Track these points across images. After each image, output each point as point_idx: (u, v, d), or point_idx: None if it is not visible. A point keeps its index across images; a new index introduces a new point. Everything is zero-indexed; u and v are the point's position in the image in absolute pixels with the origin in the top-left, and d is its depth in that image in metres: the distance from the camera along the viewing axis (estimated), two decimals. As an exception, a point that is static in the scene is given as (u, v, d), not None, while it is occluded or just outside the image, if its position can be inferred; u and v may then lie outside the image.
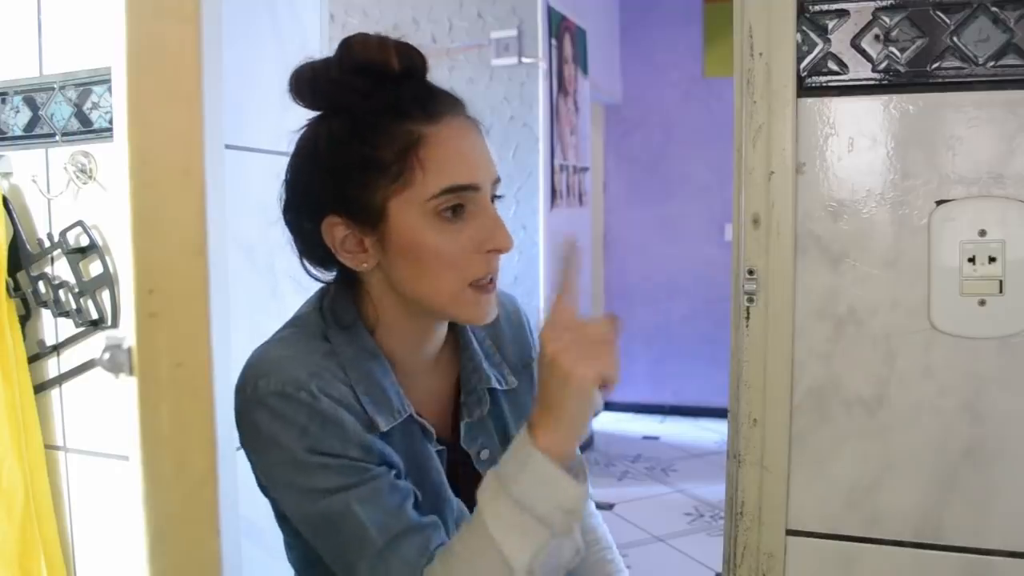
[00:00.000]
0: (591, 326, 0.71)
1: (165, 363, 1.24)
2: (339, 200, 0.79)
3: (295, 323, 0.87)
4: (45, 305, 1.36)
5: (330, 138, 0.79)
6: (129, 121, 1.23)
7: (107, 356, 1.27)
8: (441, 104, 0.79)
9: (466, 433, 0.90)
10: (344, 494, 0.75)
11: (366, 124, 0.77)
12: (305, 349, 0.81)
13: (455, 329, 0.92)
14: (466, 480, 0.89)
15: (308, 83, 0.80)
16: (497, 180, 0.82)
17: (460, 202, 0.77)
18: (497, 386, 0.92)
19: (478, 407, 0.91)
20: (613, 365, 0.70)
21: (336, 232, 0.80)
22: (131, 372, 1.26)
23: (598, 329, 0.71)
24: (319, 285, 0.90)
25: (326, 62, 0.80)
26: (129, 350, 1.26)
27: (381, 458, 0.78)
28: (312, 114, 0.83)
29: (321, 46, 1.58)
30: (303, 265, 0.87)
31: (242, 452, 0.94)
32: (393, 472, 0.79)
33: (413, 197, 0.76)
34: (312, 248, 0.84)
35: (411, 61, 0.79)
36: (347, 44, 0.79)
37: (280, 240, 1.29)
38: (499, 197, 0.83)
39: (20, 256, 1.36)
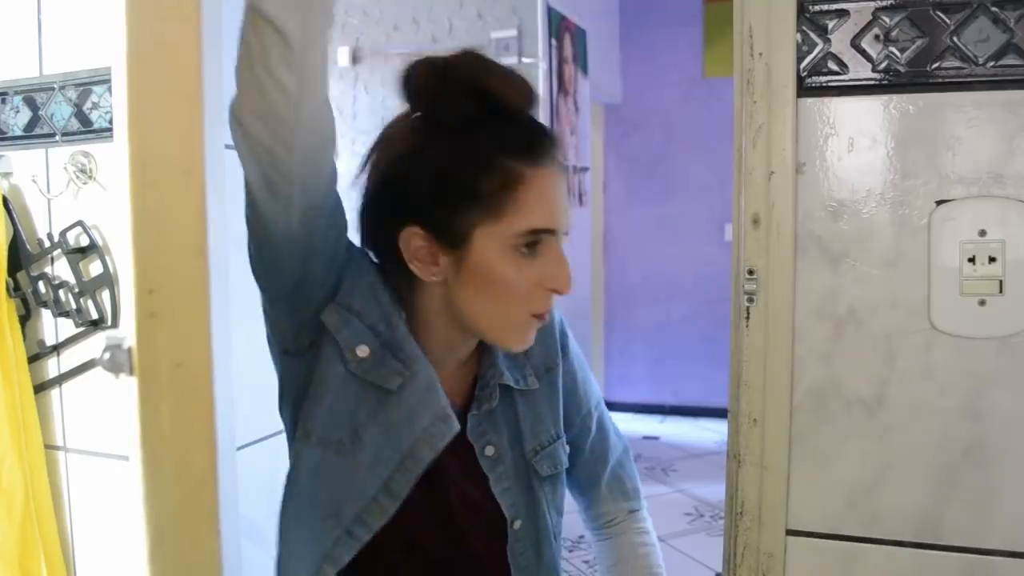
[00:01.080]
0: None
1: (165, 363, 1.24)
2: (427, 215, 0.82)
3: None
4: (45, 305, 1.36)
5: (437, 153, 0.81)
6: (129, 121, 1.23)
7: (107, 356, 1.27)
8: (546, 149, 0.83)
9: (473, 426, 0.90)
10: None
11: (475, 152, 0.80)
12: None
13: None
14: (463, 477, 0.89)
15: (423, 86, 0.82)
16: (567, 232, 0.86)
17: (536, 241, 0.82)
18: (512, 384, 0.92)
19: (487, 401, 0.91)
20: None
21: (413, 241, 0.83)
22: (131, 372, 1.26)
23: None
24: None
25: (445, 69, 0.81)
26: (129, 350, 1.26)
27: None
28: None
29: (321, 46, 1.58)
30: (364, 246, 0.89)
31: (242, 452, 0.94)
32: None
33: (500, 231, 0.80)
34: (379, 240, 0.87)
35: (525, 101, 0.83)
36: (471, 61, 0.80)
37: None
38: (566, 234, 0.87)
39: (20, 256, 1.36)
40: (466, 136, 0.80)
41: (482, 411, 0.91)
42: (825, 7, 0.85)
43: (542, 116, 3.60)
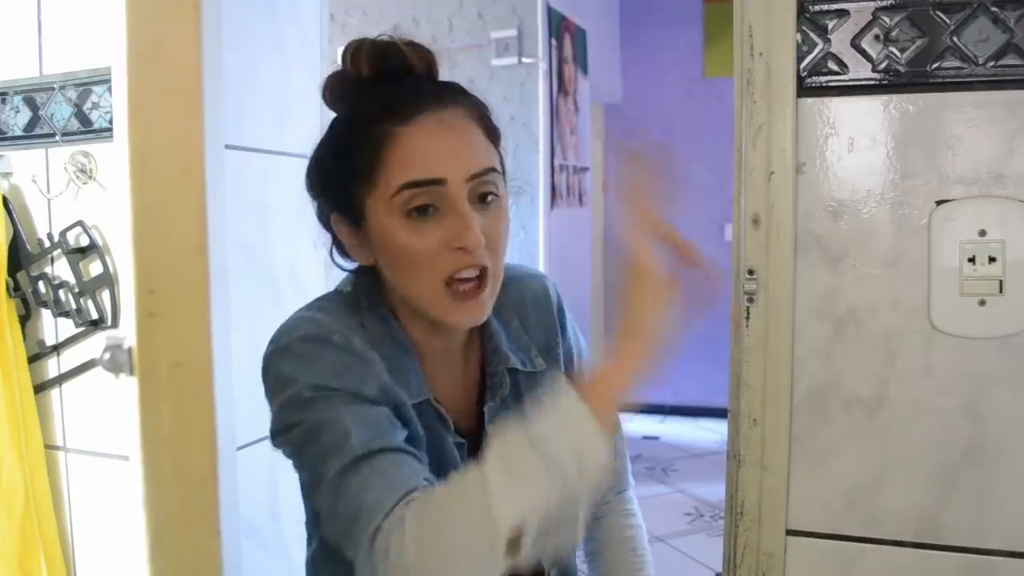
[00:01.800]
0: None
1: (165, 363, 1.24)
2: (335, 201, 0.83)
3: (327, 296, 0.89)
4: (45, 305, 1.36)
5: (324, 141, 0.84)
6: (129, 121, 1.23)
7: (107, 356, 1.27)
8: (414, 104, 0.79)
9: (490, 417, 0.88)
10: (336, 407, 0.74)
11: (345, 129, 0.82)
12: (337, 316, 0.82)
13: None
14: None
15: (327, 93, 0.85)
16: (478, 176, 0.78)
17: (426, 201, 0.77)
18: (519, 367, 0.90)
19: (500, 389, 0.89)
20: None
21: (339, 229, 0.84)
22: (131, 372, 1.26)
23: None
24: (319, 286, 0.91)
25: (334, 72, 0.85)
26: (129, 350, 1.26)
27: (395, 402, 0.78)
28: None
29: (321, 46, 1.58)
30: (330, 255, 0.90)
31: (242, 452, 0.94)
32: (400, 425, 0.77)
33: (380, 195, 0.78)
34: (336, 243, 0.88)
35: (383, 64, 0.81)
36: (345, 55, 0.83)
37: (280, 240, 1.29)
38: (493, 196, 0.80)
39: (20, 256, 1.36)
40: (341, 117, 0.83)
41: (497, 400, 0.89)
42: (825, 7, 0.85)
43: (543, 115, 3.60)
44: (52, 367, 1.38)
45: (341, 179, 0.81)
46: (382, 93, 0.80)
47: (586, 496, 0.65)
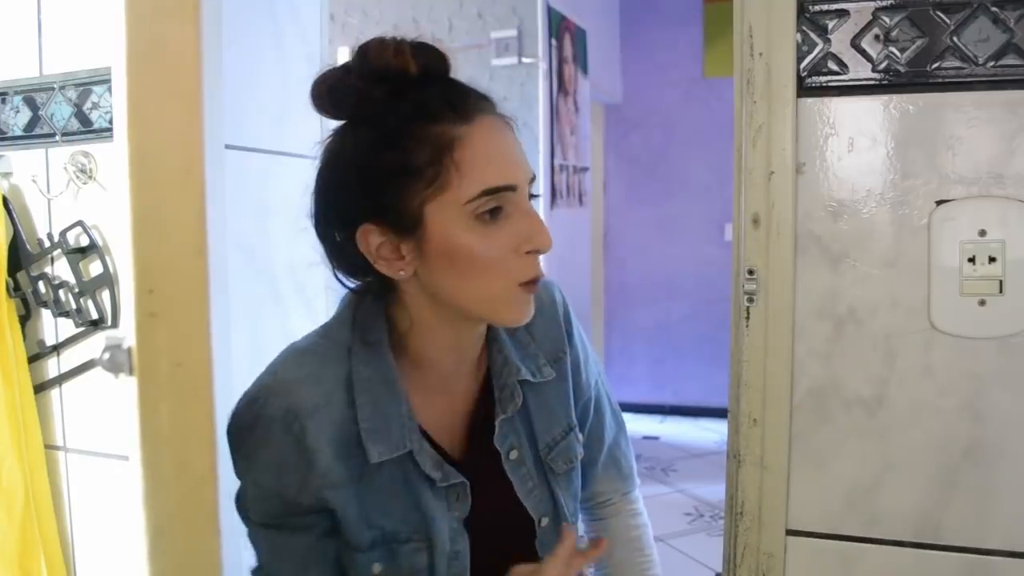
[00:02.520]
0: None
1: (165, 363, 1.24)
2: (373, 208, 0.77)
3: (326, 333, 0.86)
4: (45, 305, 1.36)
5: (359, 146, 0.78)
6: (129, 121, 1.23)
7: (107, 356, 1.26)
8: (472, 103, 0.78)
9: (500, 431, 0.86)
10: (264, 531, 0.83)
11: (395, 130, 0.76)
12: (325, 371, 0.81)
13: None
14: (488, 487, 0.87)
15: (328, 93, 0.79)
16: (532, 178, 0.80)
17: (498, 204, 0.76)
18: (530, 378, 0.88)
19: (511, 401, 0.87)
20: None
21: (372, 240, 0.78)
22: (131, 372, 1.26)
23: None
24: (319, 286, 0.90)
25: (345, 70, 0.79)
26: (129, 350, 1.26)
27: (324, 511, 0.81)
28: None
29: (321, 46, 1.58)
30: (336, 276, 0.85)
31: (242, 452, 0.93)
32: (324, 527, 0.82)
33: (450, 200, 0.75)
34: (344, 258, 0.83)
35: (430, 62, 0.78)
36: (363, 51, 0.77)
37: (280, 240, 1.28)
38: (535, 196, 0.82)
39: (20, 256, 1.36)
40: (383, 118, 0.76)
41: (508, 413, 0.87)
42: (825, 7, 0.85)
43: (543, 115, 3.60)
44: (52, 367, 1.38)
45: (392, 183, 0.76)
46: (440, 92, 0.77)
47: None
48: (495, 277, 0.77)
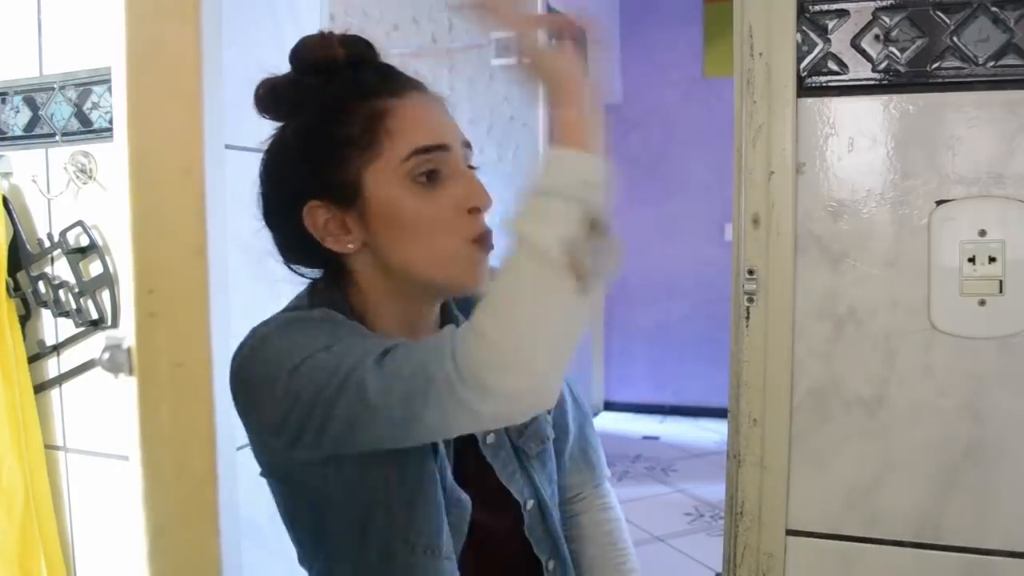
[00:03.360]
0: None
1: (165, 363, 1.24)
2: (314, 184, 0.79)
3: (287, 314, 0.84)
4: (45, 305, 1.36)
5: (297, 131, 0.81)
6: (129, 121, 1.23)
7: (107, 356, 1.26)
8: (402, 81, 0.81)
9: None
10: (350, 339, 0.73)
11: (330, 108, 0.79)
12: (305, 336, 0.77)
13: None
14: (475, 480, 0.86)
15: (268, 95, 0.83)
16: (467, 145, 0.82)
17: (433, 167, 0.77)
18: None
19: None
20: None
21: (317, 217, 0.79)
22: (131, 372, 1.26)
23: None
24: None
25: (283, 75, 0.83)
26: (129, 350, 1.26)
27: None
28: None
29: (321, 46, 1.58)
30: (288, 266, 0.87)
31: (242, 452, 0.93)
32: None
33: (385, 165, 0.77)
34: (296, 244, 0.84)
35: (357, 48, 0.82)
36: (294, 50, 0.82)
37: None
38: (473, 168, 0.83)
39: (20, 256, 1.36)
40: (318, 100, 0.80)
41: None
42: (825, 7, 0.85)
43: (543, 115, 3.60)
44: (52, 367, 1.38)
45: (330, 155, 0.78)
46: (369, 72, 0.81)
47: (603, 204, 0.68)
48: (442, 236, 0.78)
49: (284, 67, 0.84)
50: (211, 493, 1.23)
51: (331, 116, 0.79)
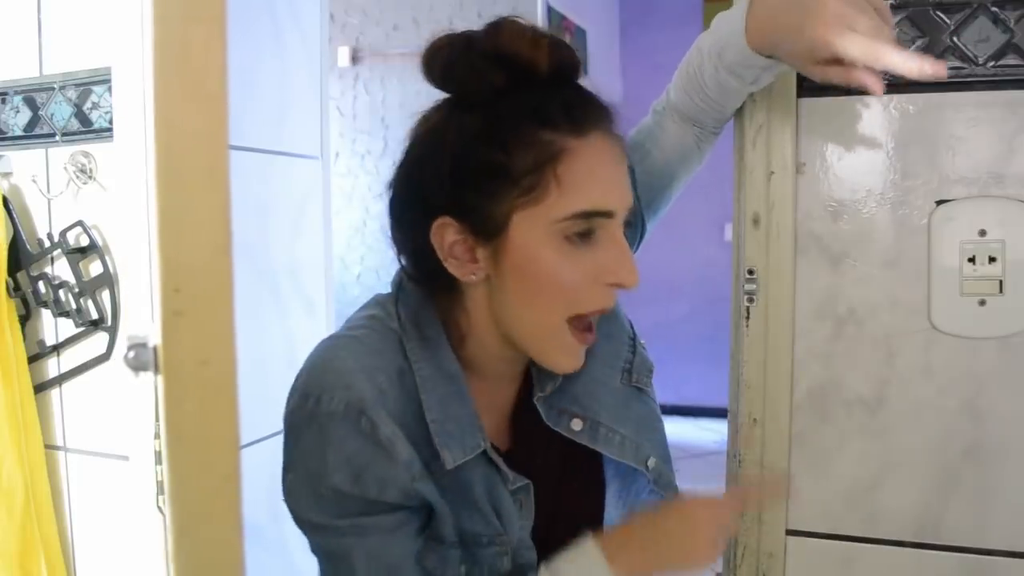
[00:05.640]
0: None
1: (190, 361, 1.24)
2: (457, 203, 0.72)
3: (370, 324, 0.79)
4: (45, 305, 1.36)
5: (460, 133, 0.72)
6: (157, 121, 1.22)
7: (132, 355, 1.26)
8: (591, 116, 0.73)
9: (547, 409, 0.81)
10: (351, 539, 0.71)
11: (504, 125, 0.70)
12: (378, 362, 0.74)
13: None
14: (557, 479, 0.84)
15: (443, 61, 0.73)
16: (632, 208, 0.75)
17: (590, 227, 0.71)
18: None
19: (551, 381, 0.82)
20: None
21: (447, 235, 0.73)
22: (157, 370, 1.26)
23: None
24: (319, 286, 0.89)
25: (467, 41, 0.73)
26: (154, 348, 1.26)
27: (419, 502, 0.73)
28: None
29: (321, 46, 1.58)
30: (397, 258, 0.80)
31: (242, 452, 0.92)
32: (420, 519, 0.74)
33: (542, 214, 0.70)
34: (411, 243, 0.77)
35: (563, 63, 0.73)
36: (496, 29, 0.72)
37: (280, 240, 1.28)
38: (630, 224, 0.78)
39: (20, 256, 1.36)
40: (494, 109, 0.71)
41: (547, 392, 0.81)
42: (825, 7, 0.85)
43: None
44: (52, 367, 1.38)
45: (484, 183, 0.70)
46: (561, 97, 0.72)
47: None
48: (563, 303, 0.72)
49: (284, 67, 0.83)
50: (235, 492, 1.23)
51: (501, 137, 0.70)
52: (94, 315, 1.32)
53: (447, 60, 0.73)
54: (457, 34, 0.74)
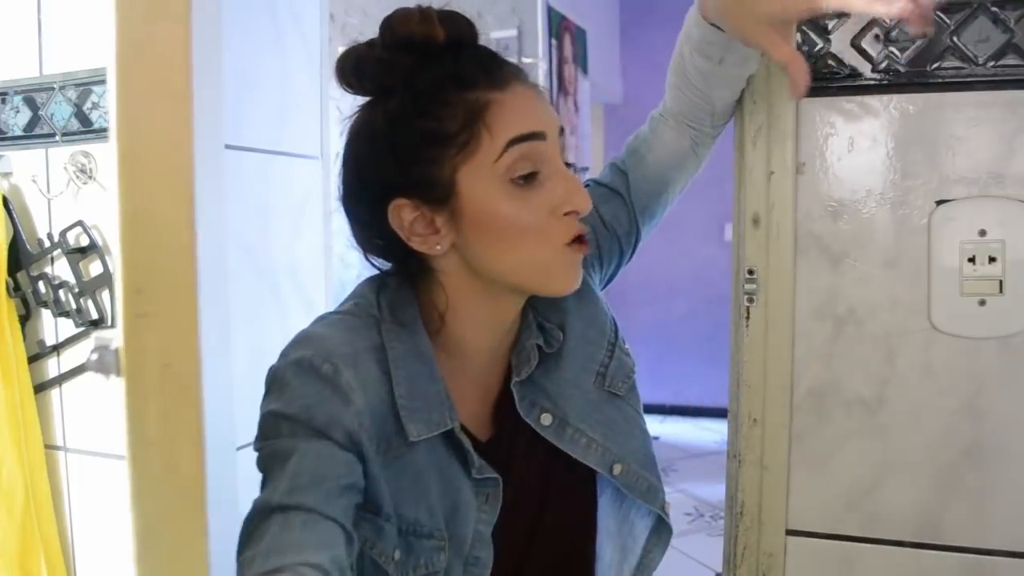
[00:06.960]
0: None
1: (153, 364, 1.23)
2: (404, 181, 0.74)
3: (352, 310, 0.81)
4: (45, 305, 1.36)
5: (388, 118, 0.75)
6: (119, 120, 1.22)
7: (95, 357, 1.26)
8: (506, 70, 0.76)
9: (520, 398, 0.82)
10: (293, 440, 0.70)
11: (426, 98, 0.73)
12: (355, 338, 0.76)
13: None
14: (535, 479, 0.83)
15: (353, 68, 0.76)
16: (563, 130, 0.78)
17: (532, 168, 0.73)
18: (543, 345, 0.84)
19: (526, 365, 0.82)
20: None
21: (404, 215, 0.75)
22: (119, 373, 1.25)
23: None
24: (319, 286, 0.89)
25: (369, 44, 0.76)
26: (117, 351, 1.26)
27: (358, 454, 0.73)
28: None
29: (321, 46, 1.58)
30: (367, 259, 0.82)
31: (242, 452, 0.93)
32: (359, 479, 0.72)
33: (482, 162, 0.72)
34: (375, 239, 0.79)
35: (459, 29, 0.75)
36: (387, 21, 0.75)
37: (280, 240, 1.28)
38: (571, 165, 0.79)
39: (20, 256, 1.36)
40: (412, 88, 0.73)
41: (522, 376, 0.82)
42: (825, 7, 0.85)
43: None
44: (52, 367, 1.38)
45: (423, 152, 0.73)
46: (472, 60, 0.75)
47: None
48: (536, 242, 0.74)
49: (284, 67, 0.83)
50: (200, 495, 1.22)
51: (426, 108, 0.73)
52: (94, 315, 1.32)
53: (355, 63, 0.76)
54: (359, 43, 0.78)
